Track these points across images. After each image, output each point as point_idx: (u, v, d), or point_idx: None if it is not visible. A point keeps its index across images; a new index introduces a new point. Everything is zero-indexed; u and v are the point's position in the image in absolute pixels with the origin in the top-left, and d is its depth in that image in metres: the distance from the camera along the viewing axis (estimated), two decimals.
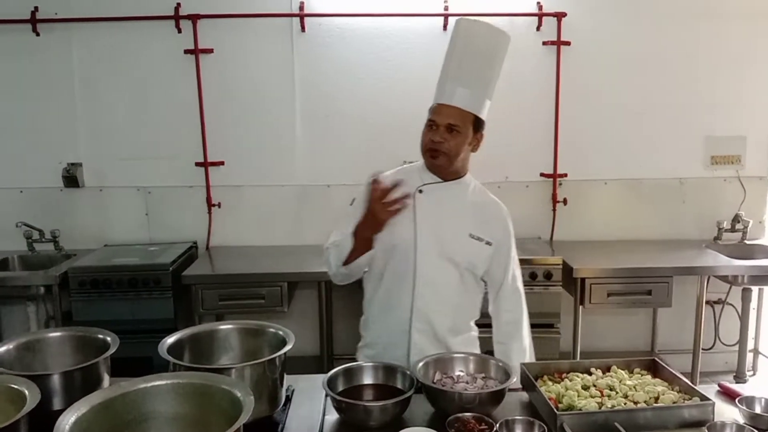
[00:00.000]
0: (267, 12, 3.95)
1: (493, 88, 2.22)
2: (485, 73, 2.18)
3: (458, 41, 2.20)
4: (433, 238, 2.15)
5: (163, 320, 3.61)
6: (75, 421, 1.32)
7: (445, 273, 2.17)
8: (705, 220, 4.24)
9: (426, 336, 2.19)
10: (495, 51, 2.20)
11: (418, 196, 2.17)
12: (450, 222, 2.18)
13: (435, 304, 2.18)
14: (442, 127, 2.12)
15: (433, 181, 2.21)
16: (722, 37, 4.09)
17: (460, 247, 2.18)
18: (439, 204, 2.19)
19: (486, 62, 2.18)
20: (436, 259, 2.15)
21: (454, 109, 2.12)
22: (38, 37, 3.96)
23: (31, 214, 4.05)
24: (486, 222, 2.24)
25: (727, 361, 4.38)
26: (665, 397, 1.77)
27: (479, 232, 2.20)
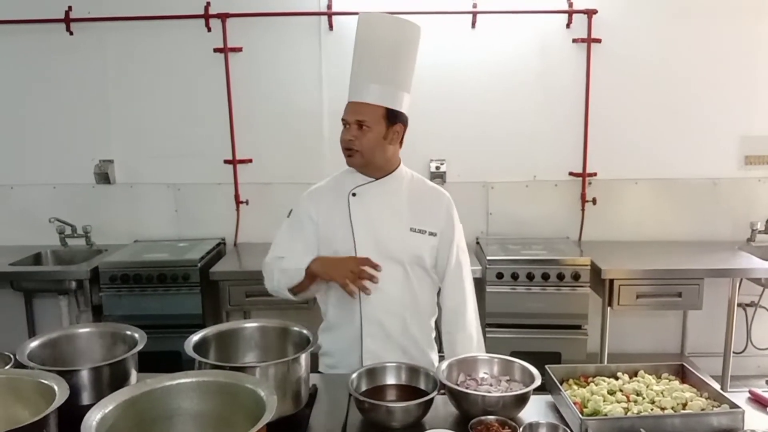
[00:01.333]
0: (295, 11, 3.97)
1: (405, 79, 2.19)
2: (393, 65, 2.14)
3: (361, 37, 2.16)
4: (372, 239, 2.14)
5: (191, 315, 3.66)
6: (102, 418, 1.34)
7: (388, 272, 2.11)
8: (738, 221, 4.16)
9: (379, 340, 2.17)
10: (401, 42, 2.16)
11: (352, 200, 2.18)
12: (387, 220, 2.17)
13: (383, 306, 2.16)
14: (353, 125, 2.11)
15: (365, 182, 2.20)
16: (759, 34, 3.99)
17: (401, 243, 2.16)
18: (375, 203, 2.18)
19: (392, 55, 2.14)
20: (378, 259, 2.08)
21: (361, 105, 2.11)
22: (72, 36, 4.04)
23: (63, 210, 4.13)
24: (427, 212, 2.22)
25: (760, 365, 4.29)
26: (693, 403, 1.73)
27: (420, 224, 2.18)
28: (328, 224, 2.19)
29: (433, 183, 2.35)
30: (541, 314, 3.63)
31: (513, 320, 3.66)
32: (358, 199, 2.18)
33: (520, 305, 3.64)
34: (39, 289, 4.08)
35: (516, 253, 3.78)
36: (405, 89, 2.18)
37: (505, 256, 3.73)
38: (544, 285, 3.63)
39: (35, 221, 4.14)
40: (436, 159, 4.11)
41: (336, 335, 2.24)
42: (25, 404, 1.56)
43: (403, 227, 2.17)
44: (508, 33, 4.02)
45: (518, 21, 3.99)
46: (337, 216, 2.18)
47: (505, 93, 4.07)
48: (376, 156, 2.15)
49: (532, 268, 3.62)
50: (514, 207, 4.20)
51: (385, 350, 2.15)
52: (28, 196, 4.23)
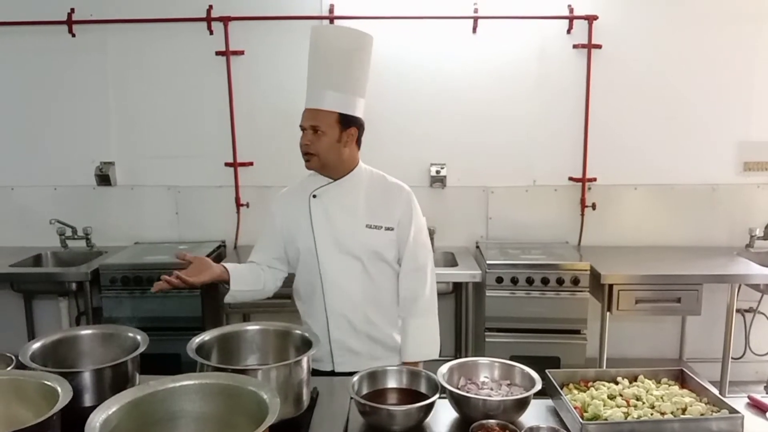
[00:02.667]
0: (297, 14, 3.98)
1: (358, 85, 2.27)
2: (346, 73, 2.23)
3: (315, 47, 2.27)
4: (331, 237, 2.27)
5: (191, 318, 3.67)
6: (105, 419, 1.35)
7: (347, 268, 2.27)
8: (737, 227, 4.17)
9: (344, 330, 2.30)
10: (354, 51, 2.25)
11: (313, 201, 2.30)
12: (345, 218, 2.28)
13: (346, 301, 2.29)
14: (309, 130, 2.23)
15: (324, 183, 2.31)
16: (757, 41, 4.02)
17: (357, 239, 2.27)
18: (333, 203, 2.29)
19: (345, 63, 2.23)
20: (337, 256, 2.26)
21: (314, 111, 2.22)
22: (74, 38, 4.05)
23: (64, 212, 4.14)
24: (385, 208, 2.32)
25: (758, 371, 4.30)
26: (693, 408, 1.74)
27: (376, 221, 2.29)
28: (291, 225, 2.33)
29: (393, 179, 2.42)
30: (541, 319, 3.64)
31: (512, 325, 3.67)
32: (318, 200, 2.30)
33: (520, 310, 3.65)
34: (39, 290, 4.10)
35: (515, 257, 3.79)
36: (359, 95, 2.28)
37: (504, 260, 3.73)
38: (544, 290, 3.63)
39: (36, 222, 4.15)
40: (436, 163, 4.12)
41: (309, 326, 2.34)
42: (28, 405, 1.56)
43: (359, 224, 2.28)
44: (508, 38, 4.04)
45: (519, 26, 4.01)
46: (299, 217, 2.31)
47: (506, 98, 4.09)
48: (331, 158, 2.26)
49: (532, 273, 3.63)
50: (513, 211, 4.21)
51: (351, 339, 2.30)
52: (28, 198, 4.24)
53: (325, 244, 2.27)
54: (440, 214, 4.18)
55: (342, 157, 2.28)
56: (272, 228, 2.40)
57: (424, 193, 4.17)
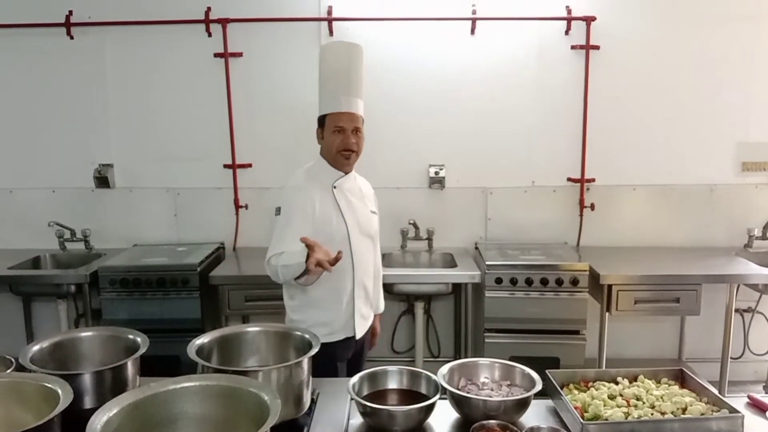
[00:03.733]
0: (295, 16, 3.99)
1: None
2: (360, 80, 2.57)
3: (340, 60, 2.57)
4: (355, 222, 2.54)
5: (190, 320, 3.66)
6: (106, 422, 1.35)
7: (368, 247, 2.61)
8: (735, 227, 4.18)
9: (362, 299, 2.58)
10: (361, 61, 2.60)
11: (336, 192, 2.54)
12: (361, 206, 2.60)
13: (366, 273, 2.61)
14: (350, 131, 2.48)
15: (340, 176, 2.56)
16: (755, 41, 4.02)
17: (371, 222, 2.65)
18: (350, 193, 2.58)
19: (359, 72, 2.57)
20: (361, 238, 2.56)
21: (355, 115, 2.51)
22: (72, 40, 4.05)
23: (62, 214, 4.14)
24: (371, 197, 2.74)
25: (757, 371, 4.30)
26: (693, 408, 1.75)
27: (373, 207, 2.70)
28: (323, 213, 2.48)
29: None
30: (540, 319, 3.64)
31: (511, 325, 3.67)
32: (339, 191, 2.55)
33: (519, 310, 3.65)
34: (38, 292, 4.09)
35: (515, 258, 3.79)
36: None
37: (503, 261, 3.73)
38: (543, 290, 3.64)
39: (34, 225, 4.14)
40: (435, 164, 4.12)
41: (329, 304, 2.52)
42: (28, 408, 1.56)
43: (368, 210, 2.65)
44: (507, 39, 4.04)
45: (517, 27, 4.01)
46: (327, 205, 2.50)
47: (504, 99, 4.09)
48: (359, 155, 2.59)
49: (531, 274, 3.63)
50: (512, 212, 4.21)
51: (365, 305, 2.60)
52: (27, 200, 4.23)
53: (354, 229, 2.52)
54: (439, 215, 4.19)
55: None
56: (297, 223, 2.42)
57: (423, 194, 4.18)
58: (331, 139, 2.51)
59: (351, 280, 2.54)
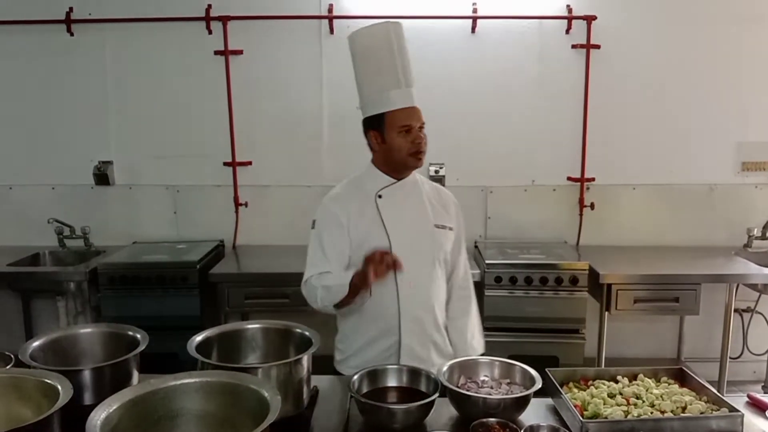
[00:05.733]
0: (296, 14, 3.98)
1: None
2: (410, 65, 2.25)
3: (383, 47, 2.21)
4: (405, 238, 2.18)
5: (190, 317, 3.66)
6: (106, 417, 1.35)
7: (421, 269, 2.20)
8: (735, 227, 4.18)
9: (415, 335, 2.20)
10: (404, 43, 2.25)
11: (380, 201, 2.21)
12: (415, 218, 2.23)
13: (419, 303, 2.21)
14: (417, 129, 2.17)
15: (388, 183, 2.23)
16: (756, 42, 4.02)
17: (430, 240, 2.23)
18: (401, 203, 2.23)
19: (407, 55, 2.24)
20: (411, 257, 2.12)
21: (418, 109, 2.19)
22: (72, 37, 4.05)
23: (62, 211, 4.13)
24: (443, 209, 2.32)
25: (756, 371, 4.31)
26: (693, 407, 1.75)
27: (441, 221, 2.27)
28: (360, 228, 2.19)
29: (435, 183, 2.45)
30: (539, 318, 3.64)
31: (511, 324, 3.67)
32: (385, 200, 2.21)
33: (518, 309, 3.65)
34: (37, 289, 4.08)
35: (514, 257, 3.79)
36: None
37: (503, 260, 3.74)
38: (542, 289, 3.64)
39: (34, 222, 4.13)
40: (435, 163, 4.11)
41: (370, 336, 2.21)
42: (28, 403, 1.56)
43: (429, 224, 2.25)
44: (507, 38, 4.04)
45: (518, 26, 4.01)
46: (367, 218, 2.20)
47: (505, 98, 4.09)
48: None
49: (531, 272, 3.63)
50: (512, 211, 4.21)
51: (418, 343, 2.19)
52: (26, 197, 4.23)
53: (400, 245, 2.14)
54: None
55: None
56: (333, 239, 2.20)
57: None
58: (400, 142, 2.14)
59: (396, 309, 2.16)
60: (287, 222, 4.21)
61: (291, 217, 4.20)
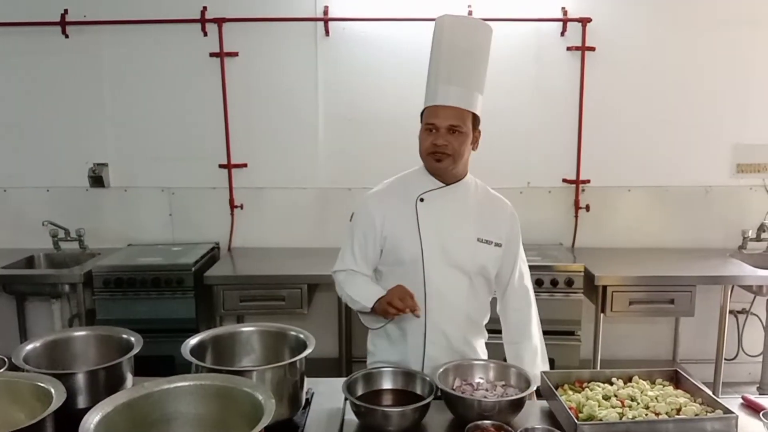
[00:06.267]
0: (292, 16, 3.98)
1: (483, 82, 2.17)
2: (474, 68, 2.12)
3: (442, 40, 2.12)
4: (440, 248, 2.10)
5: (185, 320, 3.66)
6: (99, 420, 1.35)
7: (454, 282, 2.11)
8: (730, 229, 4.19)
9: (440, 348, 2.13)
10: (480, 44, 2.14)
11: (420, 205, 2.12)
12: (456, 228, 2.12)
13: (447, 316, 2.13)
14: (443, 129, 2.07)
15: (435, 187, 2.15)
16: (750, 44, 4.03)
17: (468, 253, 2.12)
18: (443, 210, 2.13)
19: (473, 57, 2.12)
20: (445, 269, 2.09)
21: (453, 110, 2.07)
22: (67, 39, 4.03)
23: (57, 213, 4.11)
24: (493, 222, 2.19)
25: (751, 372, 4.31)
26: (687, 409, 1.75)
27: (487, 235, 2.15)
28: (395, 230, 2.13)
29: (496, 192, 2.31)
30: None
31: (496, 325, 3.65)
32: (426, 204, 2.13)
33: None
34: (31, 292, 4.07)
35: None
36: (482, 92, 2.16)
37: None
38: (538, 291, 3.56)
39: (28, 224, 4.12)
40: None
41: (396, 343, 2.18)
42: (22, 407, 1.56)
43: (471, 237, 2.13)
44: (502, 40, 4.01)
45: (513, 28, 4.01)
46: (404, 221, 2.12)
47: (500, 100, 4.07)
48: (462, 160, 2.13)
49: None
50: None
51: (445, 357, 2.09)
52: (21, 199, 4.21)
53: (433, 254, 2.09)
54: None
55: (466, 160, 2.16)
56: (372, 232, 2.14)
57: None
58: (422, 139, 2.12)
59: (422, 320, 2.08)
60: (283, 224, 4.21)
61: (286, 219, 4.20)
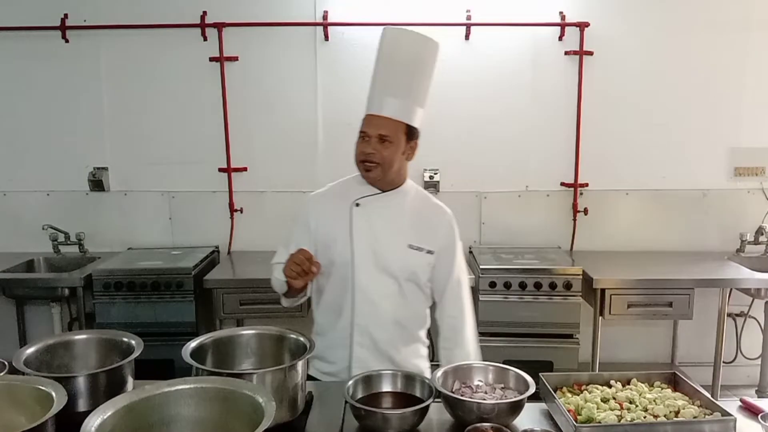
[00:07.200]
0: (291, 21, 4.00)
1: (424, 96, 2.18)
2: (414, 81, 2.13)
3: (384, 51, 2.16)
4: (371, 252, 2.14)
5: (185, 324, 3.67)
6: (100, 424, 1.34)
7: (383, 286, 2.15)
8: (728, 232, 4.20)
9: (367, 349, 2.17)
10: (422, 58, 2.15)
11: (355, 210, 2.17)
12: (388, 234, 2.16)
13: (375, 319, 2.17)
14: (374, 138, 2.10)
15: (371, 193, 2.19)
16: (748, 48, 4.06)
17: (398, 259, 2.16)
18: (377, 216, 2.17)
19: (413, 70, 2.14)
20: (374, 273, 2.13)
21: (385, 120, 2.09)
22: (67, 43, 4.05)
23: (57, 217, 4.12)
24: (428, 230, 2.21)
25: (749, 375, 4.32)
26: (686, 411, 1.75)
27: (419, 242, 2.18)
28: (328, 232, 2.19)
29: (437, 200, 2.34)
30: (533, 323, 3.65)
31: (505, 329, 3.68)
32: (361, 209, 2.17)
33: (513, 314, 3.66)
34: (31, 296, 4.08)
35: (508, 262, 3.80)
36: (422, 105, 2.18)
37: (497, 265, 3.75)
38: (536, 294, 3.65)
39: (28, 228, 4.13)
40: (429, 169, 4.13)
41: (328, 339, 2.23)
42: (22, 410, 1.56)
43: (402, 243, 2.17)
44: (501, 45, 4.06)
45: (511, 33, 4.03)
46: (338, 224, 2.18)
47: (498, 104, 4.11)
48: (393, 169, 2.15)
49: (525, 278, 3.64)
50: (506, 217, 4.23)
51: (374, 359, 2.16)
52: (21, 203, 4.22)
53: (364, 258, 2.14)
54: None
55: (400, 170, 2.20)
56: (305, 230, 2.23)
57: None
58: (357, 146, 2.15)
59: (349, 319, 2.16)
60: (282, 228, 4.13)
61: (286, 223, 4.13)
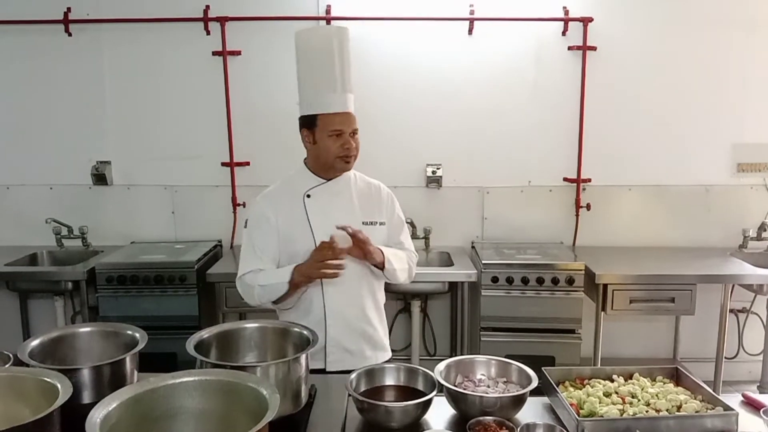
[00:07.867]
0: (294, 15, 3.99)
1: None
2: (349, 72, 2.28)
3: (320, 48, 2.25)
4: (329, 237, 2.21)
5: (188, 317, 3.67)
6: (105, 416, 1.35)
7: (348, 267, 2.23)
8: (730, 228, 4.20)
9: (341, 329, 2.30)
10: (347, 48, 2.29)
11: (308, 201, 2.31)
12: (342, 217, 2.26)
13: (345, 299, 2.30)
14: (348, 134, 2.23)
15: (318, 183, 2.32)
16: (750, 44, 4.05)
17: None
18: (329, 202, 2.31)
19: (345, 61, 2.27)
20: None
21: (352, 115, 2.25)
22: (70, 37, 4.05)
23: (60, 211, 4.14)
24: (374, 204, 2.39)
25: (751, 371, 4.32)
26: (688, 405, 1.76)
27: (371, 217, 2.35)
28: (287, 226, 2.30)
29: (370, 178, 2.48)
30: (536, 318, 3.66)
31: (507, 324, 3.69)
32: (313, 199, 2.31)
33: (515, 309, 3.67)
34: (34, 289, 4.09)
35: (511, 257, 3.81)
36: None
37: (500, 260, 3.75)
38: (539, 289, 3.65)
39: (31, 222, 4.14)
40: (432, 164, 4.13)
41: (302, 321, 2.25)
42: (27, 402, 1.56)
43: (357, 222, 2.29)
44: (504, 40, 4.06)
45: (515, 28, 4.03)
46: (294, 217, 2.29)
47: (501, 99, 4.11)
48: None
49: (527, 273, 3.64)
50: (509, 212, 4.23)
51: (346, 337, 2.30)
52: (24, 197, 4.23)
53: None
54: (436, 214, 4.20)
55: None
56: (268, 230, 2.31)
57: (420, 194, 4.19)
58: (328, 144, 2.23)
59: (320, 306, 2.29)
60: None
61: None
